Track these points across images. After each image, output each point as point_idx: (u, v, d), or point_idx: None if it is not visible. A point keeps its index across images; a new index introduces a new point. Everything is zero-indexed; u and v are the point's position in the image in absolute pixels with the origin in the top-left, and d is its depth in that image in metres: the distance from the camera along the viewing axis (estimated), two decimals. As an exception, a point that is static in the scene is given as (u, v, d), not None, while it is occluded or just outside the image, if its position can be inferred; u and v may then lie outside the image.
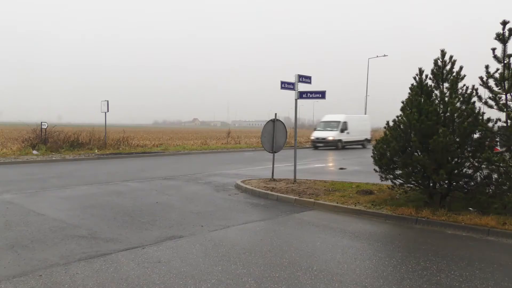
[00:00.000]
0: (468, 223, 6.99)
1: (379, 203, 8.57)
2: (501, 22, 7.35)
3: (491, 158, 7.06)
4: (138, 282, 4.50)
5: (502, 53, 7.38)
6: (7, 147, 20.71)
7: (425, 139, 7.60)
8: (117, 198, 9.38)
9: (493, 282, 4.66)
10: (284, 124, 12.54)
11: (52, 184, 11.23)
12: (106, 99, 21.71)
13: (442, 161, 7.54)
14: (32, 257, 5.24)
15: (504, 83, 7.34)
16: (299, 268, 5.03)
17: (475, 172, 7.79)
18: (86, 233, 6.39)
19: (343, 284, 4.53)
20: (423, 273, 4.92)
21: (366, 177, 12.30)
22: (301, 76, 11.65)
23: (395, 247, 6.03)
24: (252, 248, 5.77)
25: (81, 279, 4.55)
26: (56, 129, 21.92)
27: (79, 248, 5.61)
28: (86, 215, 7.56)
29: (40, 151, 19.25)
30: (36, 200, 8.96)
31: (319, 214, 8.14)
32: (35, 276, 4.60)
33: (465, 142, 7.67)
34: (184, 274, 4.73)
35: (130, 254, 5.43)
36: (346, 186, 10.81)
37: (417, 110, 7.76)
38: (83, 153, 20.03)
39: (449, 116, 7.70)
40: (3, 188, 10.41)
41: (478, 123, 7.56)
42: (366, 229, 7.02)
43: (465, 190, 8.03)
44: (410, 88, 8.33)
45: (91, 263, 5.04)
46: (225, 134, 36.19)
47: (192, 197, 9.63)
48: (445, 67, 8.04)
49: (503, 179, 7.25)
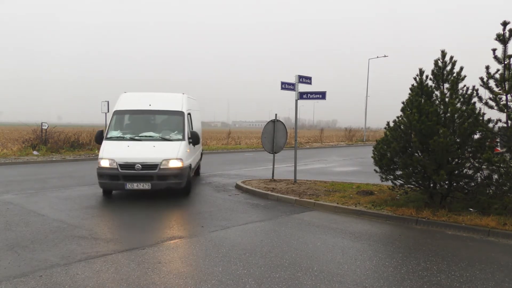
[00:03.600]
0: (469, 223, 6.99)
1: (379, 203, 8.56)
2: (502, 22, 7.35)
3: (492, 159, 7.06)
4: (139, 282, 4.50)
5: (503, 54, 7.38)
6: (7, 148, 20.72)
7: (425, 139, 7.60)
8: (117, 198, 9.39)
9: (493, 283, 4.66)
10: (284, 125, 12.54)
11: (53, 184, 11.24)
12: (107, 100, 21.63)
13: (443, 162, 7.54)
14: (32, 257, 5.24)
15: (504, 84, 7.34)
16: (300, 268, 5.03)
17: (475, 173, 7.79)
18: (86, 233, 6.39)
19: (343, 284, 4.53)
20: (424, 273, 4.92)
21: (367, 178, 12.30)
22: (301, 76, 11.65)
23: (395, 247, 6.03)
24: (252, 249, 5.76)
25: (82, 279, 4.55)
26: (57, 129, 21.95)
27: (80, 249, 5.61)
28: (86, 216, 7.56)
29: (40, 152, 19.26)
30: (37, 200, 8.97)
31: (320, 214, 8.14)
32: (35, 277, 4.60)
33: (466, 143, 7.67)
34: (184, 275, 4.73)
35: (131, 254, 5.43)
36: (346, 187, 10.81)
37: (417, 110, 7.76)
38: (83, 153, 20.05)
39: (450, 117, 7.70)
40: (3, 188, 10.41)
41: (479, 124, 7.56)
42: (367, 229, 7.02)
43: (465, 191, 8.03)
44: (411, 88, 8.33)
45: (91, 264, 5.04)
46: (225, 135, 36.18)
47: (193, 198, 9.63)
48: (446, 67, 8.04)
49: (503, 180, 7.25)
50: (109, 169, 8.90)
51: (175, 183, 9.07)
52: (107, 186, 9.13)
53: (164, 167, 8.97)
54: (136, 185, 8.81)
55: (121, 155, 9.00)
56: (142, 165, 8.85)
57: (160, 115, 10.53)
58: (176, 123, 10.17)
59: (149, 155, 9.03)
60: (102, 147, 9.41)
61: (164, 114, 10.50)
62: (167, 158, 9.02)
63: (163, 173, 8.94)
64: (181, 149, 9.38)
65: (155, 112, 10.50)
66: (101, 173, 8.99)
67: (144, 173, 8.84)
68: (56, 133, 21.33)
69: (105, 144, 9.53)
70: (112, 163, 8.89)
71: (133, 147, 9.36)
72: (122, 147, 9.30)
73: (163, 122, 10.53)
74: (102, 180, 9.00)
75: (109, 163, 8.91)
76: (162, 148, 9.33)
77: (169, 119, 10.42)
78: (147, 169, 8.86)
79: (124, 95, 10.85)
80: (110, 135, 9.87)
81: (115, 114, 10.30)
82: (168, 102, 10.60)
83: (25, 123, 24.53)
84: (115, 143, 9.54)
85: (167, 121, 10.46)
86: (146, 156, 8.99)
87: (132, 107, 10.46)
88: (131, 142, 9.58)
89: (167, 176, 8.97)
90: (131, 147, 9.33)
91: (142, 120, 10.42)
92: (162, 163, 8.95)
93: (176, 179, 9.08)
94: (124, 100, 10.68)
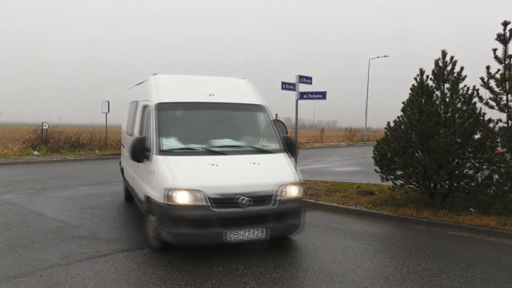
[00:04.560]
0: (469, 223, 6.98)
1: (380, 203, 8.56)
2: (502, 22, 7.34)
3: (492, 159, 7.05)
4: (139, 282, 4.50)
5: (503, 54, 7.37)
6: (8, 148, 20.72)
7: (426, 139, 7.60)
8: (118, 198, 9.38)
9: (494, 283, 4.65)
10: (285, 125, 12.51)
11: (53, 184, 11.24)
12: (107, 100, 21.65)
13: (443, 162, 7.53)
14: (33, 257, 5.25)
15: (505, 84, 7.33)
16: (300, 268, 5.03)
17: (476, 173, 7.79)
18: (87, 233, 6.39)
19: (343, 284, 4.53)
20: (424, 273, 4.91)
21: (367, 178, 12.29)
22: (301, 76, 11.63)
23: (396, 247, 6.03)
24: (252, 248, 5.76)
25: (82, 279, 4.55)
26: (57, 129, 21.93)
27: (80, 249, 5.61)
28: (87, 216, 7.57)
29: (41, 152, 19.27)
30: (37, 200, 8.97)
31: (320, 214, 8.14)
32: (36, 277, 4.61)
33: (466, 143, 7.67)
34: (184, 275, 4.73)
35: (131, 254, 5.43)
36: (346, 187, 10.80)
37: (418, 110, 7.76)
38: (84, 153, 20.05)
39: (450, 117, 7.70)
40: (4, 188, 10.42)
41: (479, 124, 7.55)
42: (367, 229, 7.01)
43: (466, 191, 8.03)
44: (411, 88, 8.33)
45: (91, 264, 5.04)
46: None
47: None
48: (446, 67, 8.04)
49: (504, 180, 7.25)
50: (193, 208, 5.04)
51: (293, 225, 5.58)
52: (191, 240, 5.19)
53: (283, 198, 5.41)
54: (243, 233, 5.09)
55: (211, 181, 5.19)
56: (250, 197, 5.17)
57: (233, 111, 6.60)
58: (260, 124, 6.68)
59: (255, 179, 5.44)
60: (162, 168, 5.33)
61: (237, 110, 6.63)
62: (284, 183, 5.50)
63: (282, 208, 5.38)
64: (292, 166, 5.98)
65: (224, 107, 6.47)
66: (178, 216, 5.04)
67: (256, 211, 5.22)
68: (56, 133, 21.33)
69: (167, 162, 5.35)
70: (199, 197, 5.03)
71: (223, 166, 5.46)
72: (203, 167, 5.38)
73: (237, 121, 6.72)
74: (181, 229, 5.05)
75: (193, 198, 5.04)
76: (268, 166, 5.75)
77: (247, 118, 6.78)
78: (258, 203, 5.24)
79: (162, 79, 6.64)
80: (168, 146, 5.66)
81: (160, 110, 5.97)
82: (235, 92, 6.83)
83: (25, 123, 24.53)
84: (186, 160, 5.51)
85: (244, 120, 6.79)
86: (251, 182, 5.37)
87: (187, 98, 6.34)
88: (212, 157, 5.59)
89: (286, 214, 5.47)
90: (221, 167, 5.42)
91: (205, 118, 6.43)
92: (278, 191, 5.39)
93: (295, 219, 5.60)
94: (166, 86, 6.47)
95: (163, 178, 5.22)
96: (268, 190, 5.33)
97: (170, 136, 5.83)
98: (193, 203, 5.04)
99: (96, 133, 23.09)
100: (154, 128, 5.77)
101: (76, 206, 8.39)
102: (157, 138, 5.67)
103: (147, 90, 6.63)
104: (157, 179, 5.32)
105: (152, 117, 5.93)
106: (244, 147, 6.05)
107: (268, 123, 6.61)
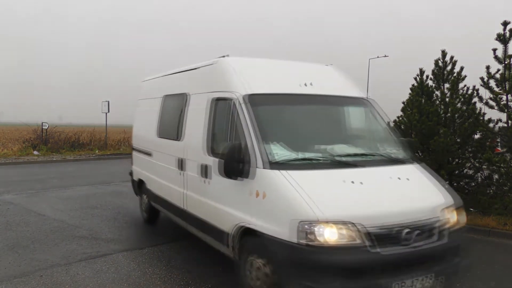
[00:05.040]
0: (469, 223, 6.95)
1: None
2: (502, 22, 7.34)
3: (492, 159, 7.05)
4: (139, 282, 4.50)
5: (503, 54, 7.37)
6: (8, 148, 20.70)
7: (426, 139, 7.60)
8: (118, 198, 9.37)
9: (494, 283, 4.65)
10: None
11: (53, 184, 11.23)
12: (107, 100, 21.63)
13: (443, 162, 7.53)
14: (33, 257, 5.24)
15: (505, 84, 7.33)
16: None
17: (476, 173, 7.79)
18: (87, 233, 6.39)
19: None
20: (424, 273, 4.90)
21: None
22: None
23: (396, 247, 6.01)
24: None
25: (82, 279, 4.55)
26: (57, 129, 21.90)
27: (80, 249, 5.61)
28: (87, 216, 7.56)
29: (41, 152, 19.25)
30: (37, 200, 8.96)
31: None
32: (35, 277, 4.60)
33: (466, 143, 7.67)
34: (184, 275, 4.73)
35: (131, 254, 5.43)
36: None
37: (418, 110, 7.76)
38: (83, 153, 20.03)
39: (450, 117, 7.70)
40: (4, 188, 10.40)
41: (479, 124, 7.56)
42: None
43: (466, 191, 8.02)
44: (411, 88, 8.34)
45: (91, 264, 5.04)
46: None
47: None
48: (446, 67, 8.04)
49: (504, 180, 7.25)
50: (347, 249, 3.40)
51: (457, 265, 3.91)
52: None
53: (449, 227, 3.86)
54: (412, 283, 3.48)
55: (365, 208, 3.59)
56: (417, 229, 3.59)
57: (338, 106, 5.13)
58: (371, 123, 5.13)
59: (415, 203, 3.87)
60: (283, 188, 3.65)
61: (342, 105, 5.16)
62: (445, 206, 3.94)
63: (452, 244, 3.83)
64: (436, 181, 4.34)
65: (327, 101, 4.90)
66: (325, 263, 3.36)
67: (425, 250, 3.61)
68: (56, 133, 21.30)
69: (290, 180, 3.65)
70: (353, 233, 3.40)
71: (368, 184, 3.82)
72: (343, 187, 3.75)
73: (343, 120, 5.19)
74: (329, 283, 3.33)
75: (346, 233, 3.40)
76: (417, 182, 4.21)
77: (354, 115, 5.28)
78: (424, 237, 3.65)
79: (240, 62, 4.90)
80: (281, 155, 3.95)
81: (255, 105, 4.23)
82: (332, 81, 5.17)
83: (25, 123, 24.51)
84: (316, 176, 3.84)
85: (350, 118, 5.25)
86: (412, 207, 3.78)
87: (282, 88, 4.65)
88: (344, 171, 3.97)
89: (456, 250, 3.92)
90: (366, 186, 3.80)
91: (308, 116, 4.86)
92: (444, 218, 3.85)
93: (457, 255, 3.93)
94: (251, 73, 4.68)
95: (290, 204, 3.52)
96: (434, 217, 3.73)
97: (277, 142, 4.10)
98: (346, 243, 3.38)
99: (96, 133, 23.07)
100: (252, 131, 4.02)
101: (76, 206, 8.38)
102: (261, 145, 3.93)
103: (218, 77, 4.80)
104: (277, 205, 3.62)
105: (243, 114, 4.15)
106: (373, 156, 4.43)
107: (380, 122, 5.03)
